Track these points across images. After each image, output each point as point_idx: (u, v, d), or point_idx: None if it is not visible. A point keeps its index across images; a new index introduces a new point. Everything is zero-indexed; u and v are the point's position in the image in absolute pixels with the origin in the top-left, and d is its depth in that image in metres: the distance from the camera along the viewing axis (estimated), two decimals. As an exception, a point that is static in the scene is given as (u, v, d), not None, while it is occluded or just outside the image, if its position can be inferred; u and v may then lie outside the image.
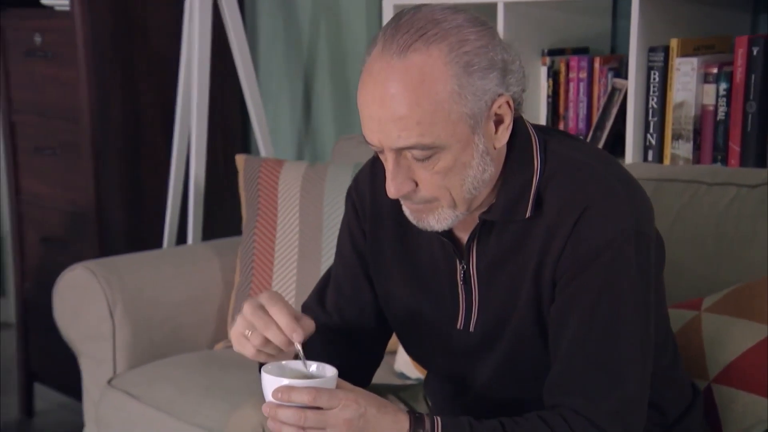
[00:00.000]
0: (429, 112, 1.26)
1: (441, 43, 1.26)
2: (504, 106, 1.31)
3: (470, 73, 1.27)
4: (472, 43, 1.27)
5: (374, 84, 1.28)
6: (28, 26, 2.87)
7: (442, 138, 1.27)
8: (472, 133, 1.29)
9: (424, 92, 1.25)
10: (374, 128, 1.29)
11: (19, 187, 3.01)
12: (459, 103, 1.26)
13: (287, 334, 1.30)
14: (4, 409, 3.19)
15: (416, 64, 1.25)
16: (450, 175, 1.30)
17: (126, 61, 2.75)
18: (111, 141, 2.74)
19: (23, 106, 2.94)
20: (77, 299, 2.20)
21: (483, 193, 1.35)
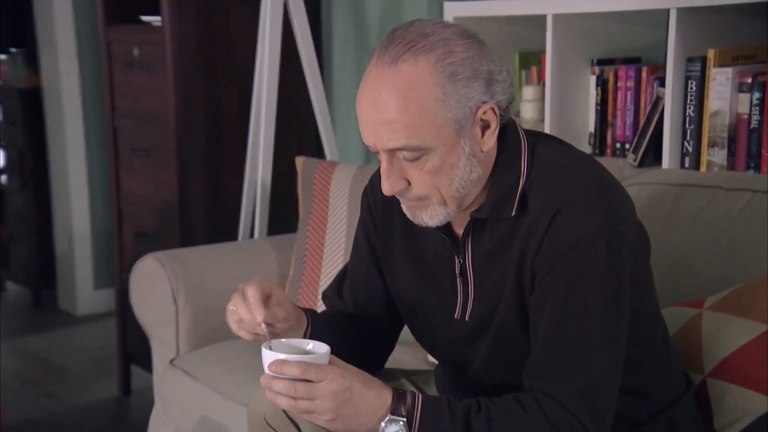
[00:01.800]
0: (416, 116, 1.32)
1: (428, 54, 1.32)
2: (489, 112, 1.36)
3: (455, 81, 1.33)
4: (458, 54, 1.33)
5: (369, 90, 1.36)
6: (129, 40, 3.04)
7: (429, 140, 1.34)
8: (458, 136, 1.35)
9: (411, 98, 1.32)
10: (369, 130, 1.37)
11: (119, 186, 3.19)
12: (444, 108, 1.33)
13: (252, 312, 1.40)
14: (106, 387, 3.39)
15: (405, 73, 1.32)
16: (438, 175, 1.37)
17: (209, 69, 2.89)
18: (194, 143, 2.88)
19: (123, 112, 3.12)
20: (147, 286, 2.33)
21: (473, 192, 1.41)
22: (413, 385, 1.72)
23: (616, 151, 2.54)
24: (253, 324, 1.43)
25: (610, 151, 2.55)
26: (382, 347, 1.70)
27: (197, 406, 2.15)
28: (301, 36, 2.72)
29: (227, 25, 2.91)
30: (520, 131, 1.45)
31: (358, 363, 1.48)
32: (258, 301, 1.41)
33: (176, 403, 2.24)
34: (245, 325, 1.44)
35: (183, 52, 2.83)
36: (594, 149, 2.58)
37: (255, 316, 1.41)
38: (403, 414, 1.35)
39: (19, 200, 4.38)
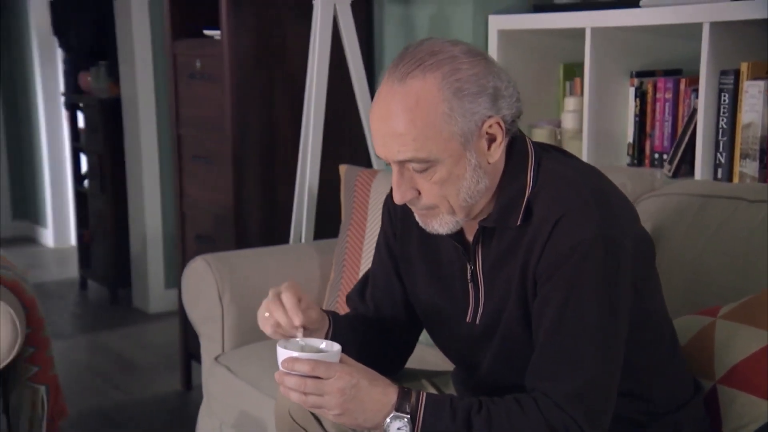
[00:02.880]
0: (423, 130, 1.36)
1: (436, 71, 1.36)
2: (495, 126, 1.39)
3: (460, 97, 1.36)
4: (465, 71, 1.37)
5: (380, 105, 1.40)
6: (192, 53, 3.13)
7: (435, 153, 1.37)
8: (464, 149, 1.38)
9: (418, 113, 1.36)
10: (379, 143, 1.41)
11: (182, 191, 3.28)
12: (450, 123, 1.36)
13: (290, 317, 1.44)
14: (170, 382, 3.48)
15: (413, 89, 1.36)
16: (446, 186, 1.40)
17: (264, 80, 2.95)
18: (249, 150, 2.95)
19: (186, 121, 3.21)
20: (196, 286, 2.40)
21: (481, 202, 1.44)
22: (432, 386, 1.74)
23: (654, 161, 2.51)
24: (291, 328, 1.46)
25: (648, 162, 2.53)
26: (402, 349, 1.73)
27: (238, 401, 2.21)
28: (349, 48, 2.76)
29: (282, 38, 2.97)
30: (528, 143, 1.48)
31: (379, 363, 1.53)
32: (295, 307, 1.46)
33: (219, 398, 2.30)
34: (282, 330, 1.48)
35: (240, 64, 2.90)
36: (632, 159, 2.56)
37: (293, 321, 1.45)
38: (407, 411, 1.39)
39: (98, 203, 4.53)
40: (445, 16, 2.89)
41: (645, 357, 1.48)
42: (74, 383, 3.46)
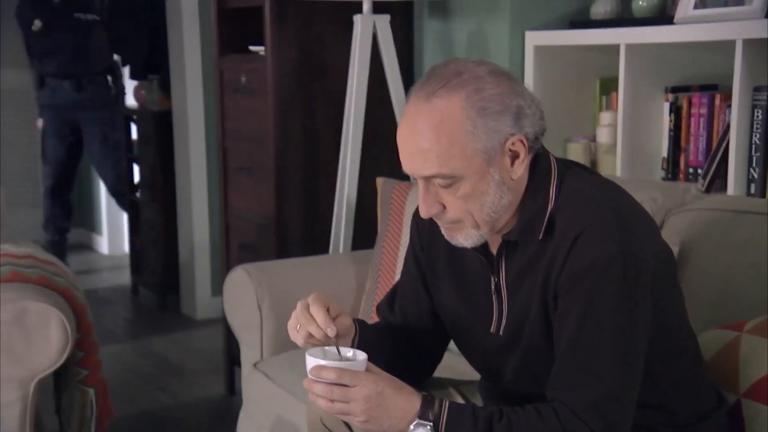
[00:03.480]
0: (447, 147, 1.39)
1: (460, 91, 1.38)
2: (518, 143, 1.41)
3: (484, 115, 1.38)
4: (488, 90, 1.39)
5: (406, 123, 1.43)
6: (238, 68, 3.18)
7: (459, 169, 1.39)
8: (488, 165, 1.40)
9: (443, 131, 1.38)
10: (406, 159, 1.44)
11: (227, 202, 3.33)
12: (473, 140, 1.38)
13: (323, 328, 1.46)
14: (214, 386, 3.52)
15: (438, 108, 1.38)
16: (470, 201, 1.42)
17: (306, 94, 2.99)
18: (291, 162, 2.99)
19: (231, 133, 3.26)
20: (237, 295, 2.43)
21: (504, 216, 1.45)
22: (460, 394, 1.76)
23: (689, 176, 2.49)
24: (325, 339, 1.49)
25: (683, 176, 2.51)
26: (429, 358, 1.74)
27: (274, 406, 2.24)
28: (387, 63, 2.79)
29: (323, 53, 3.01)
30: (551, 160, 1.49)
31: (406, 371, 1.57)
32: (327, 318, 1.48)
33: (257, 403, 2.33)
34: (314, 340, 1.50)
35: (283, 78, 2.94)
36: (667, 174, 2.54)
37: (328, 332, 1.47)
38: (430, 419, 1.41)
39: (149, 212, 4.61)
40: (482, 31, 2.90)
41: (667, 369, 1.49)
42: (123, 386, 3.52)
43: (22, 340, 2.20)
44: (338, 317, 1.52)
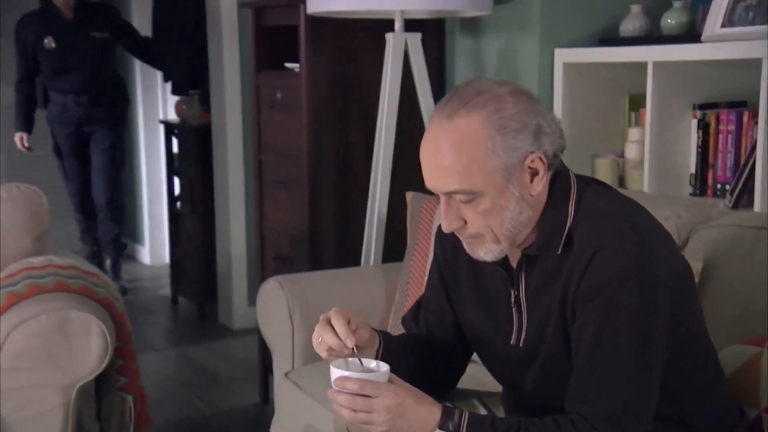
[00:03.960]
0: (467, 164, 1.41)
1: (481, 110, 1.41)
2: (537, 160, 1.43)
3: (503, 134, 1.40)
4: (508, 110, 1.41)
5: (428, 140, 1.45)
6: (274, 84, 3.23)
7: (479, 185, 1.42)
8: (507, 182, 1.42)
9: (463, 148, 1.41)
10: (428, 175, 1.47)
11: (262, 214, 3.37)
12: (492, 157, 1.40)
13: (342, 340, 1.49)
14: (249, 395, 3.57)
15: (459, 126, 1.41)
16: (490, 216, 1.44)
17: (339, 110, 3.03)
18: (324, 176, 3.03)
19: (267, 148, 3.31)
20: (269, 305, 2.47)
21: (524, 231, 1.47)
22: (483, 405, 1.77)
23: (717, 192, 2.49)
24: (344, 350, 1.52)
25: (711, 192, 2.50)
26: (453, 369, 1.76)
27: (304, 415, 2.26)
28: (419, 80, 2.82)
29: (357, 70, 3.04)
30: (571, 177, 1.51)
31: (430, 382, 1.59)
32: (346, 330, 1.51)
33: (288, 412, 2.36)
34: (335, 353, 1.53)
35: (316, 95, 2.99)
36: (695, 190, 2.54)
37: (347, 343, 1.51)
38: (450, 429, 1.44)
39: (189, 223, 4.67)
40: (513, 49, 2.92)
41: (686, 383, 1.50)
42: (162, 393, 3.58)
43: (65, 348, 2.26)
44: (358, 329, 1.55)
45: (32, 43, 4.64)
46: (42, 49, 4.65)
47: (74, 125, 4.80)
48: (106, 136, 4.83)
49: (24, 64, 4.74)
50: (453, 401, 1.73)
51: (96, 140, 4.84)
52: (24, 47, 4.69)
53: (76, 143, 4.86)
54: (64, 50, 4.64)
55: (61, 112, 4.78)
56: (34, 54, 4.68)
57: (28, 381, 2.26)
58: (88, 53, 4.69)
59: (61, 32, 4.64)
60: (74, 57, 4.65)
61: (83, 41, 4.66)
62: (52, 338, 2.25)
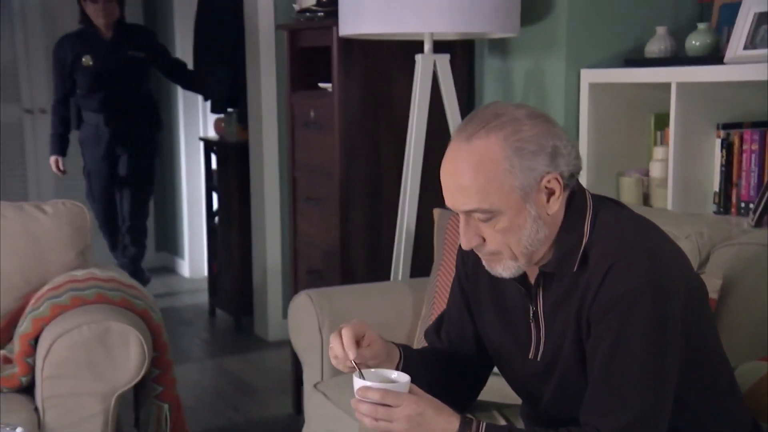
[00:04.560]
0: (485, 184, 1.45)
1: (499, 132, 1.45)
2: (553, 181, 1.46)
3: (521, 155, 1.44)
4: (525, 132, 1.45)
5: (448, 161, 1.50)
6: (308, 104, 3.30)
7: (497, 204, 1.45)
8: (524, 201, 1.45)
9: (482, 169, 1.44)
10: (448, 195, 1.51)
11: (295, 229, 3.43)
12: (510, 177, 1.44)
13: (345, 351, 1.54)
14: (282, 405, 3.61)
15: (477, 147, 1.45)
16: (508, 234, 1.47)
17: (370, 129, 3.09)
18: (355, 193, 3.08)
19: (300, 165, 3.37)
20: (300, 318, 2.51)
21: (541, 249, 1.50)
22: (502, 417, 1.81)
23: (741, 210, 2.50)
24: (345, 360, 1.56)
25: (735, 210, 2.51)
26: (473, 382, 1.79)
27: (332, 425, 2.30)
28: (447, 99, 2.86)
29: (387, 90, 3.10)
30: (587, 196, 1.54)
31: (451, 393, 1.62)
32: (351, 343, 1.55)
33: (317, 422, 2.40)
34: (339, 361, 1.58)
35: (348, 114, 3.04)
36: (719, 208, 2.55)
37: (348, 355, 1.55)
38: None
39: (226, 238, 4.74)
40: (540, 69, 2.95)
41: (701, 397, 1.52)
42: (198, 402, 3.64)
43: (105, 357, 2.32)
44: (371, 344, 1.59)
45: (70, 61, 4.65)
46: (79, 67, 4.61)
47: (105, 146, 4.74)
48: (136, 159, 4.82)
49: (60, 85, 4.71)
50: (473, 412, 1.77)
51: (125, 162, 4.82)
52: (62, 66, 4.66)
53: (106, 164, 4.79)
54: (101, 68, 4.65)
55: (93, 132, 4.73)
56: (71, 73, 4.64)
57: (71, 388, 2.32)
58: (124, 72, 4.71)
59: (99, 51, 4.65)
60: (110, 75, 4.66)
61: (120, 60, 4.68)
62: (93, 348, 2.31)
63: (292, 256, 3.47)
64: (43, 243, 2.69)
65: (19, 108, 5.77)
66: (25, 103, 5.77)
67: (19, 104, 5.76)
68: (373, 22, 2.66)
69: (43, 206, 2.76)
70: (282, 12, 4.06)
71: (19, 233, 2.68)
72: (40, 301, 2.49)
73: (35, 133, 5.66)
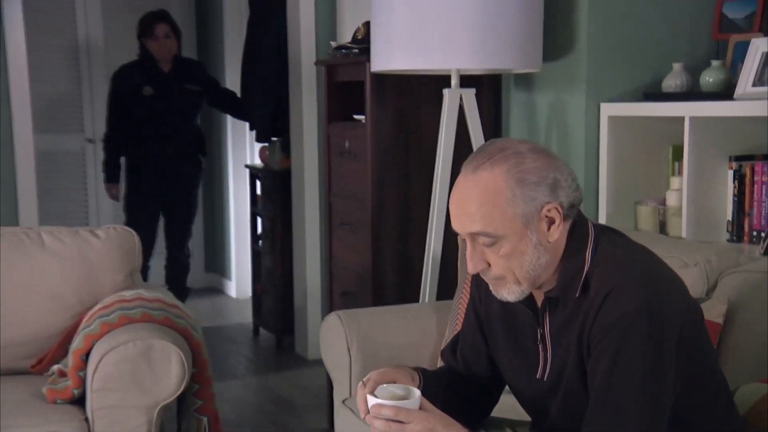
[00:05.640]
0: (489, 210, 1.52)
1: (503, 164, 1.53)
2: (553, 210, 1.53)
3: (522, 185, 1.51)
4: (528, 164, 1.52)
5: (456, 191, 1.58)
6: (343, 134, 3.40)
7: (500, 230, 1.52)
8: (526, 228, 1.52)
9: (486, 197, 1.52)
10: (455, 220, 1.59)
11: (331, 253, 3.53)
12: (512, 206, 1.51)
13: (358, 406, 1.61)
14: (318, 420, 3.68)
15: (483, 178, 1.53)
16: (511, 259, 1.54)
17: (401, 158, 3.17)
18: (386, 218, 3.16)
19: (336, 192, 3.46)
20: (330, 338, 2.59)
21: (543, 275, 1.57)
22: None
23: (752, 238, 2.53)
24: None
25: (747, 239, 2.55)
26: (486, 399, 1.85)
27: (359, 439, 2.38)
28: (472, 130, 2.94)
29: (417, 122, 3.19)
30: (589, 226, 1.60)
31: (466, 411, 1.69)
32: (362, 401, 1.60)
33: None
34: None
35: (380, 144, 3.14)
36: (732, 236, 2.58)
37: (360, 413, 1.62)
38: None
39: (269, 260, 4.85)
40: (561, 102, 3.02)
41: (700, 416, 1.56)
42: (240, 417, 3.73)
43: (148, 372, 2.41)
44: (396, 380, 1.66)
45: (129, 92, 4.67)
46: (138, 97, 4.66)
47: (155, 176, 4.77)
48: (183, 189, 4.87)
49: (117, 114, 4.72)
50: (486, 429, 1.83)
51: (173, 192, 4.84)
52: (120, 96, 4.71)
53: (152, 194, 4.81)
54: (161, 100, 4.67)
55: (143, 162, 4.76)
56: (128, 103, 4.69)
57: (117, 401, 2.41)
58: (182, 104, 4.79)
59: (159, 83, 4.69)
60: (169, 107, 4.73)
61: (178, 93, 4.76)
62: (138, 363, 2.40)
63: (328, 278, 3.56)
64: (95, 265, 2.80)
65: (82, 138, 5.99)
66: (87, 133, 5.98)
67: (82, 134, 5.98)
68: (402, 59, 2.75)
69: (97, 231, 2.87)
70: (322, 49, 4.19)
71: (74, 257, 2.79)
72: (92, 319, 2.60)
73: (96, 161, 5.82)
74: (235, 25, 5.74)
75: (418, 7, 2.69)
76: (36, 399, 2.49)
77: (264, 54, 4.78)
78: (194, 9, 6.22)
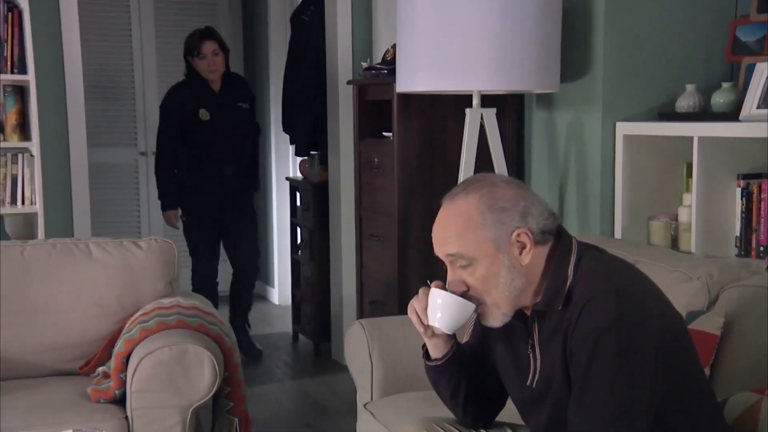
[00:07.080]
0: (463, 233, 1.65)
1: (476, 192, 1.66)
2: (523, 235, 1.64)
3: (493, 211, 1.63)
4: (499, 192, 1.65)
5: (437, 219, 1.73)
6: (373, 151, 3.51)
7: (473, 252, 1.64)
8: (497, 251, 1.64)
9: (461, 222, 1.66)
10: (435, 244, 1.73)
11: (361, 264, 3.63)
12: (484, 229, 1.64)
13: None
14: (348, 424, 3.71)
15: (458, 206, 1.67)
16: (486, 281, 1.66)
17: (426, 173, 3.27)
18: (412, 231, 3.26)
19: (366, 205, 3.57)
20: (353, 344, 2.69)
21: (522, 296, 1.67)
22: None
23: (760, 253, 2.57)
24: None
25: (754, 253, 2.59)
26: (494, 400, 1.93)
27: (377, 440, 2.48)
28: (493, 147, 3.02)
29: (442, 140, 3.28)
30: (573, 243, 1.69)
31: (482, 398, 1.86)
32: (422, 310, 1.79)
33: (366, 438, 2.58)
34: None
35: (406, 160, 3.24)
36: (740, 251, 2.62)
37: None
38: None
39: (308, 270, 4.96)
40: (579, 121, 3.08)
41: (686, 423, 1.62)
42: (276, 420, 3.84)
43: (183, 375, 2.53)
44: None
45: (184, 115, 4.47)
46: (195, 121, 4.45)
47: (216, 198, 4.59)
48: (245, 206, 4.76)
49: (172, 138, 4.53)
50: (488, 430, 1.92)
51: (235, 211, 4.66)
52: (174, 120, 4.51)
53: (213, 217, 4.64)
54: (217, 122, 4.47)
55: (203, 185, 4.56)
56: (184, 127, 4.50)
57: (154, 401, 2.53)
58: (237, 124, 4.58)
59: (213, 104, 4.49)
60: (225, 128, 4.50)
61: (232, 112, 4.55)
62: (173, 367, 2.52)
63: (358, 287, 3.66)
64: (137, 275, 2.93)
65: (135, 151, 6.20)
66: (140, 146, 6.19)
67: (135, 148, 6.19)
68: (424, 80, 2.85)
69: (139, 242, 3.00)
70: (359, 69, 4.30)
71: (118, 266, 2.92)
72: (133, 324, 2.73)
73: (149, 173, 5.98)
74: (280, 41, 5.88)
75: (440, 31, 2.79)
76: (81, 398, 2.62)
77: (303, 72, 4.90)
78: (241, 25, 6.38)
